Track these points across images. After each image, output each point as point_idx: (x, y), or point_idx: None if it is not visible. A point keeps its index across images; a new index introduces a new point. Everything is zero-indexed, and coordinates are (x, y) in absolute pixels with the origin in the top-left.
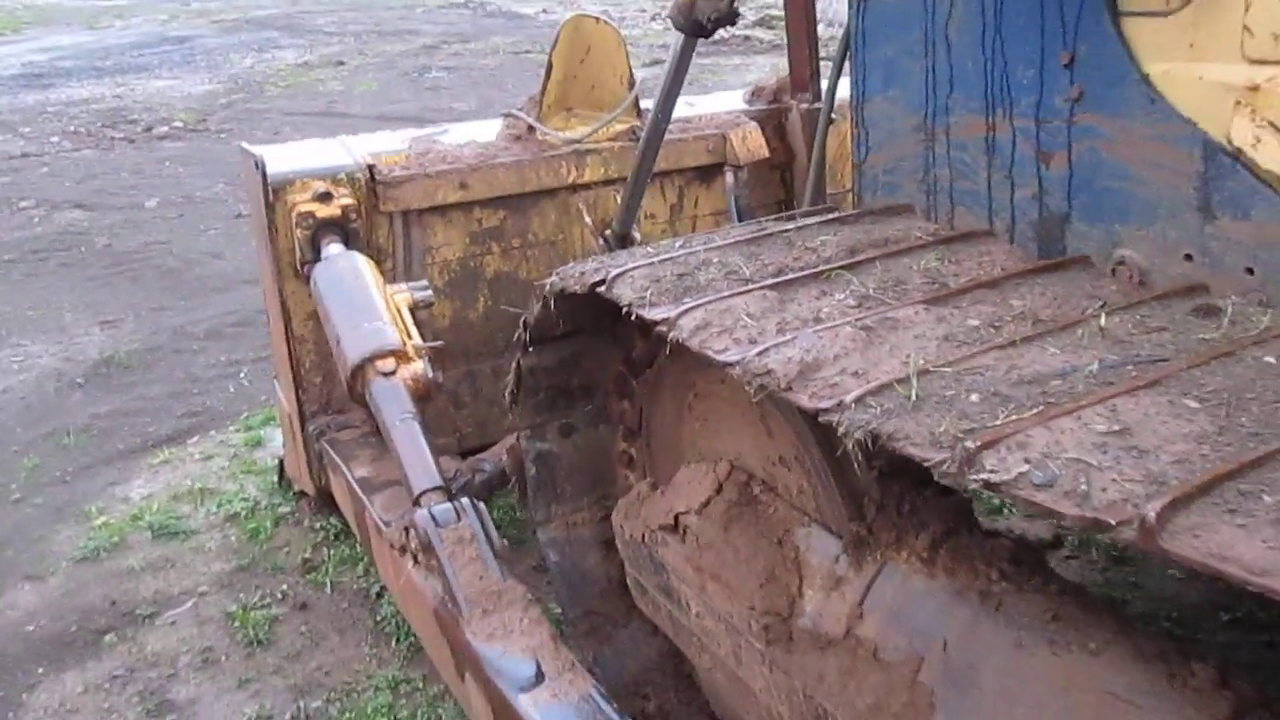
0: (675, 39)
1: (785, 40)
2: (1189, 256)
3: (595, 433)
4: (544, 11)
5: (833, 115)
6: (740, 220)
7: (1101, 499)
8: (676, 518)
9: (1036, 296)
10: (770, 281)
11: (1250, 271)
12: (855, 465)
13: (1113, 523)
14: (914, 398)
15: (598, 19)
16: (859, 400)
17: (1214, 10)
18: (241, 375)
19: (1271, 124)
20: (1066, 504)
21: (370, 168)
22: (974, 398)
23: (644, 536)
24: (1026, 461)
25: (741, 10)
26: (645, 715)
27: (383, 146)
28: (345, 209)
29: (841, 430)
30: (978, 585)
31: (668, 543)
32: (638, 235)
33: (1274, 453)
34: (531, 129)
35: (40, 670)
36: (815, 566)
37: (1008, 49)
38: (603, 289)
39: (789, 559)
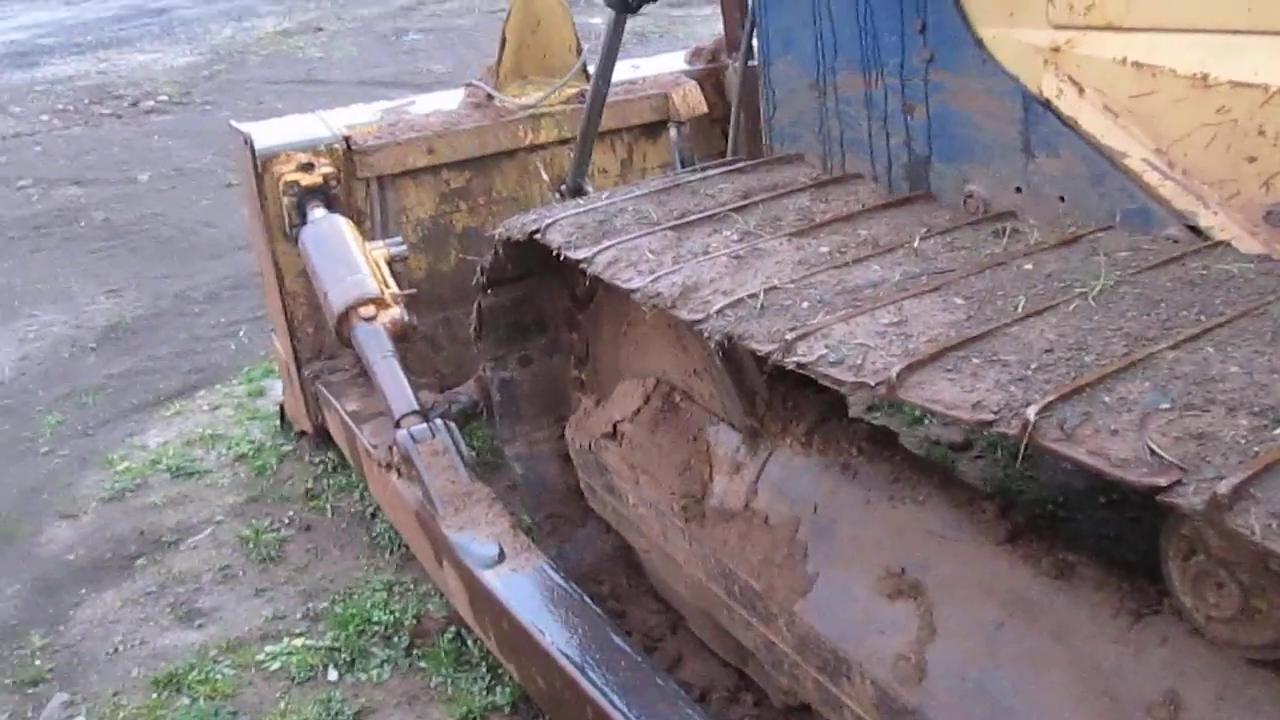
0: (607, 15)
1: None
2: (1019, 189)
3: (550, 361)
4: None
5: None
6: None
7: (870, 369)
8: (615, 426)
9: (881, 227)
10: (672, 223)
11: (1062, 199)
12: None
13: (872, 383)
14: (760, 307)
15: None
16: (720, 311)
17: None
18: (241, 334)
19: (1070, 78)
20: (847, 374)
21: (347, 138)
22: (805, 305)
23: (590, 445)
24: (826, 347)
25: None
26: (601, 596)
27: (357, 119)
28: (326, 177)
29: (706, 334)
30: (841, 459)
31: (608, 447)
32: (590, 189)
33: (990, 331)
34: (490, 97)
35: (83, 591)
36: (721, 456)
37: (876, 18)
38: (538, 236)
39: (701, 451)
